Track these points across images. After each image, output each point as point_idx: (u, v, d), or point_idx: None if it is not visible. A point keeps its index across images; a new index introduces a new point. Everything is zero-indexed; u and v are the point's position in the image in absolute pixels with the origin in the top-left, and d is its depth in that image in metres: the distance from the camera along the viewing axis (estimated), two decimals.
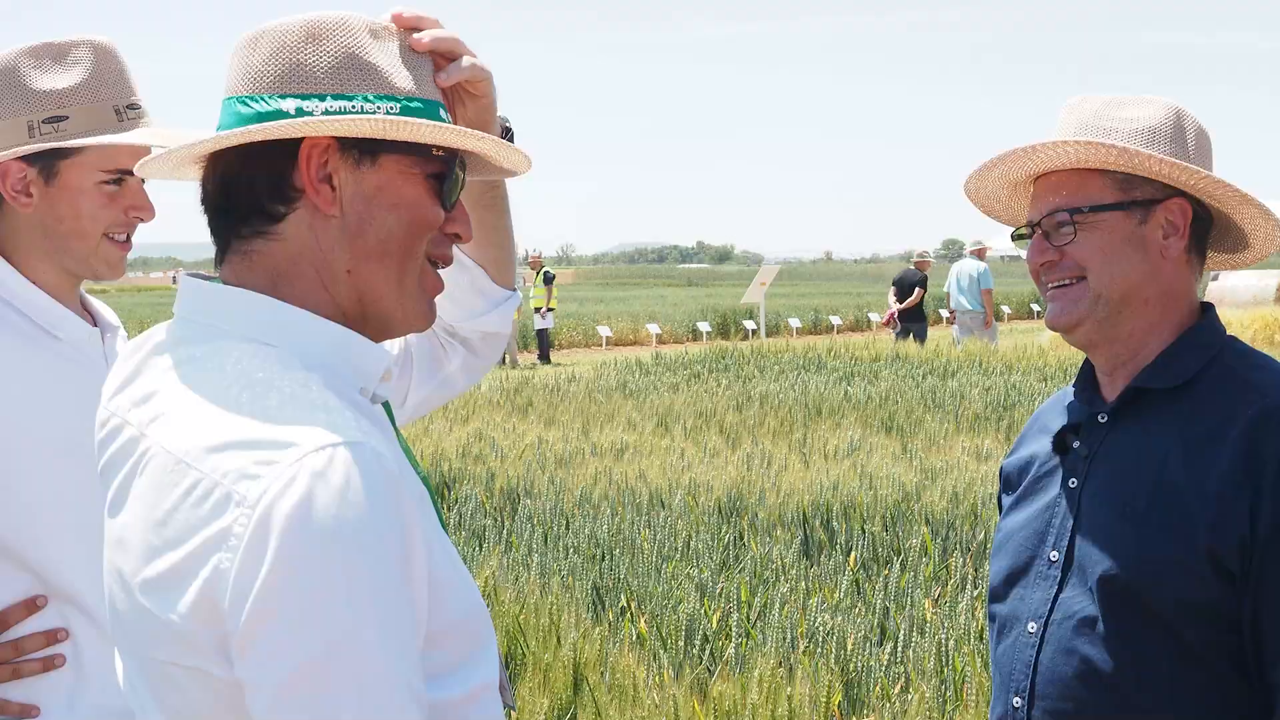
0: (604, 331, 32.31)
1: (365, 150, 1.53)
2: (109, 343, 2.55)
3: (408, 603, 1.38)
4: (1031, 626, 2.13)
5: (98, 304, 2.62)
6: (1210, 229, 2.19)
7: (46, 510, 2.36)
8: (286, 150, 1.52)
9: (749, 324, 33.66)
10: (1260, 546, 1.93)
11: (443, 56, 1.68)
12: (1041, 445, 2.26)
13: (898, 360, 17.51)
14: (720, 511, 8.04)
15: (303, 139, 1.51)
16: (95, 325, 2.55)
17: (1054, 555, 2.13)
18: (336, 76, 1.53)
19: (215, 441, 1.38)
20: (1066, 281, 2.13)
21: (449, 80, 1.69)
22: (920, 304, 21.04)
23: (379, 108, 1.53)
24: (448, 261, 1.63)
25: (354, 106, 1.52)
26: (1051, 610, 2.11)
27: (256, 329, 1.51)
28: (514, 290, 2.16)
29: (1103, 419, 2.16)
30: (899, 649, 5.29)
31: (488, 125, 1.78)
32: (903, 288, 21.00)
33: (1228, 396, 2.05)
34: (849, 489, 8.35)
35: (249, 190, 1.54)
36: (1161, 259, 2.11)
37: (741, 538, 7.41)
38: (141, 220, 2.49)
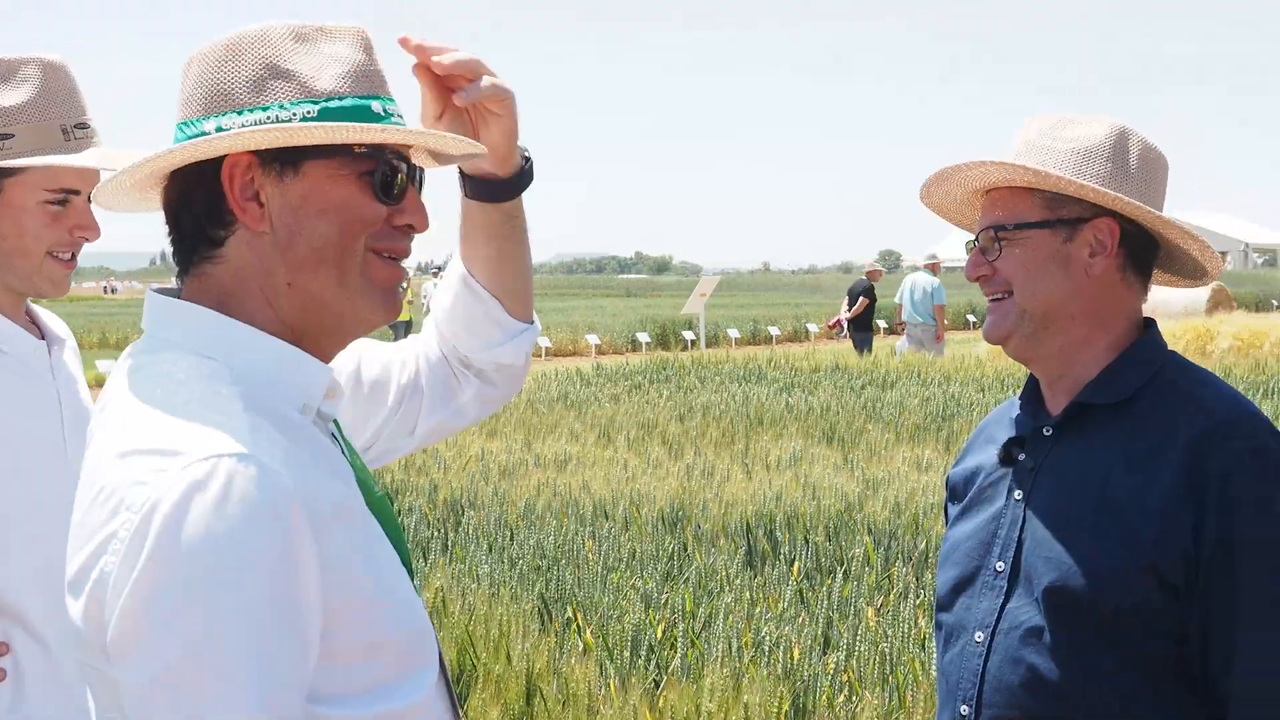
0: (543, 342, 32.27)
1: (286, 161, 1.54)
2: (55, 355, 2.54)
3: (287, 617, 1.38)
4: (979, 636, 2.16)
5: (46, 316, 2.60)
6: (1156, 250, 2.23)
7: None
8: (214, 174, 1.53)
9: (688, 334, 33.71)
10: (1205, 561, 1.98)
11: (462, 77, 1.70)
12: (988, 456, 2.30)
13: (837, 371, 17.63)
14: (664, 522, 8.07)
15: (224, 160, 1.53)
16: (43, 338, 2.54)
17: (1000, 565, 2.16)
18: (253, 89, 1.54)
19: (122, 448, 1.42)
20: (998, 296, 2.19)
21: (467, 100, 1.71)
22: (868, 314, 21.25)
23: (294, 114, 1.53)
24: (403, 254, 1.62)
25: (269, 117, 1.53)
26: (998, 620, 2.14)
27: (202, 343, 1.53)
28: (532, 322, 2.11)
29: (1048, 432, 2.20)
30: (843, 658, 5.33)
31: (510, 145, 1.81)
32: (852, 297, 21.31)
33: (1170, 412, 2.10)
34: (792, 499, 8.41)
35: (191, 217, 1.56)
36: (1086, 276, 2.15)
37: (685, 548, 7.44)
38: (87, 240, 2.49)
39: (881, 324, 31.10)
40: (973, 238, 2.27)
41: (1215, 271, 2.27)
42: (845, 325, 21.68)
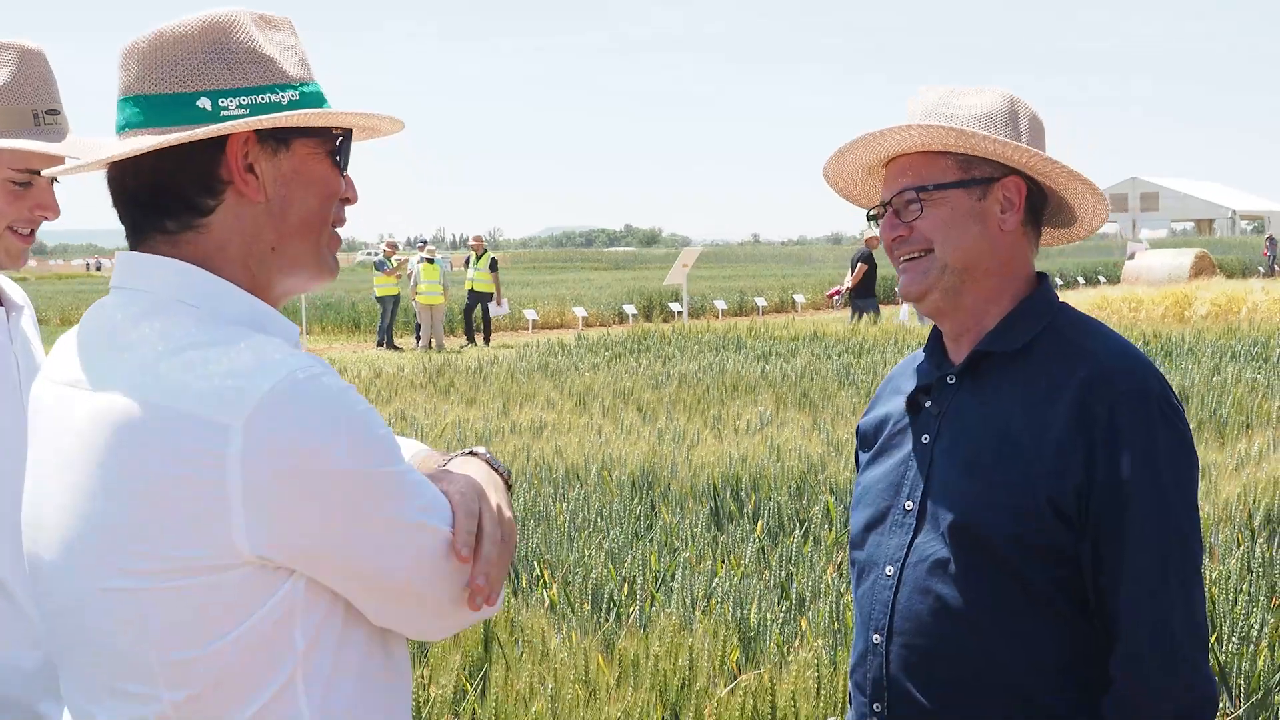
0: (530, 315, 32.34)
1: (280, 139, 1.70)
2: (14, 320, 2.65)
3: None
4: (889, 570, 2.31)
5: (4, 283, 2.71)
6: (1045, 206, 2.39)
7: None
8: (212, 146, 1.67)
9: (675, 306, 33.72)
10: (1096, 496, 2.15)
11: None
12: (895, 405, 2.45)
13: (816, 339, 17.79)
14: (634, 484, 8.26)
15: (230, 136, 1.67)
16: (1, 305, 2.65)
17: (909, 505, 2.32)
18: (240, 71, 1.69)
19: (182, 384, 1.56)
20: (915, 254, 2.33)
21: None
22: (869, 280, 21.40)
23: (283, 97, 1.70)
24: (341, 223, 1.82)
25: (264, 100, 1.69)
26: (907, 554, 2.29)
27: (189, 295, 1.67)
28: None
29: (951, 380, 2.35)
30: (795, 608, 5.53)
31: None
32: (854, 266, 21.51)
33: (1062, 360, 2.26)
34: (758, 461, 8.60)
35: (176, 187, 1.68)
36: (1000, 232, 2.30)
37: (654, 508, 7.63)
38: (46, 219, 2.60)
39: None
40: (875, 208, 2.42)
41: (1101, 221, 2.44)
42: (844, 293, 21.90)
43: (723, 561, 6.35)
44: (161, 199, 1.68)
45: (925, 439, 2.34)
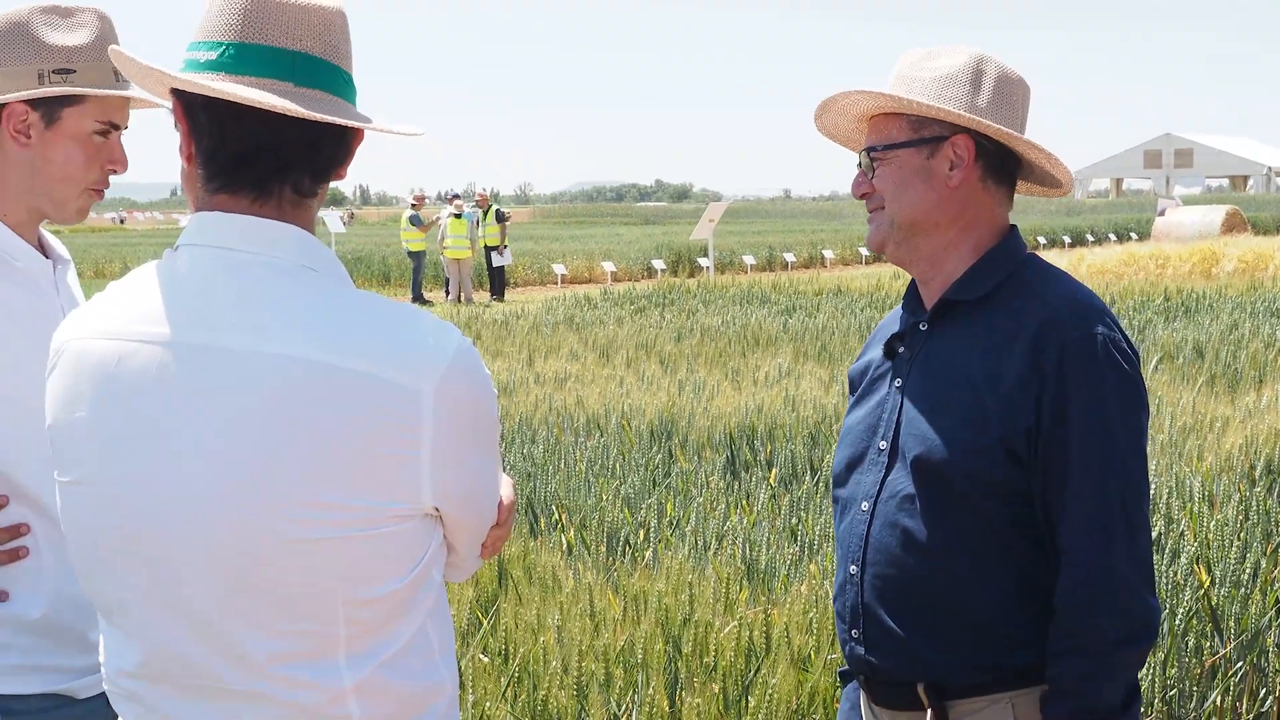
0: (559, 269, 32.42)
1: None
2: (59, 274, 2.77)
3: None
4: (864, 505, 2.47)
5: (50, 238, 2.83)
6: (1017, 163, 2.51)
7: (5, 422, 2.59)
8: (352, 130, 1.81)
9: (704, 261, 33.71)
10: (1044, 436, 2.30)
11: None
12: (877, 352, 2.60)
13: (840, 295, 17.89)
14: (652, 434, 8.43)
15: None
16: (48, 258, 2.77)
17: (883, 445, 2.46)
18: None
19: (370, 345, 1.70)
20: (875, 209, 2.48)
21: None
22: None
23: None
24: None
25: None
26: (880, 490, 2.44)
27: (311, 260, 1.79)
28: None
29: (923, 327, 2.49)
30: (803, 551, 5.71)
31: None
32: None
33: (1021, 307, 2.39)
34: (773, 411, 8.76)
35: (334, 156, 1.80)
36: (947, 188, 2.43)
37: (671, 457, 7.81)
38: (116, 172, 2.71)
39: None
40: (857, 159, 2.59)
41: (1067, 182, 2.55)
42: None
43: (736, 508, 6.53)
44: (319, 161, 1.79)
45: (898, 382, 2.48)
